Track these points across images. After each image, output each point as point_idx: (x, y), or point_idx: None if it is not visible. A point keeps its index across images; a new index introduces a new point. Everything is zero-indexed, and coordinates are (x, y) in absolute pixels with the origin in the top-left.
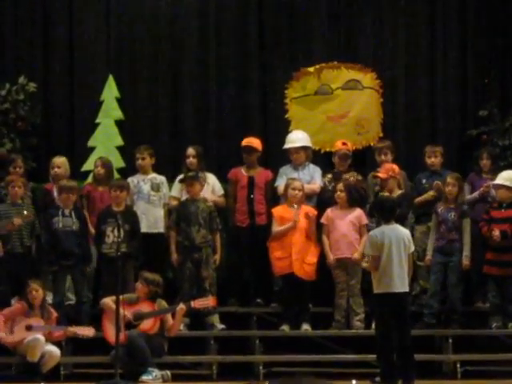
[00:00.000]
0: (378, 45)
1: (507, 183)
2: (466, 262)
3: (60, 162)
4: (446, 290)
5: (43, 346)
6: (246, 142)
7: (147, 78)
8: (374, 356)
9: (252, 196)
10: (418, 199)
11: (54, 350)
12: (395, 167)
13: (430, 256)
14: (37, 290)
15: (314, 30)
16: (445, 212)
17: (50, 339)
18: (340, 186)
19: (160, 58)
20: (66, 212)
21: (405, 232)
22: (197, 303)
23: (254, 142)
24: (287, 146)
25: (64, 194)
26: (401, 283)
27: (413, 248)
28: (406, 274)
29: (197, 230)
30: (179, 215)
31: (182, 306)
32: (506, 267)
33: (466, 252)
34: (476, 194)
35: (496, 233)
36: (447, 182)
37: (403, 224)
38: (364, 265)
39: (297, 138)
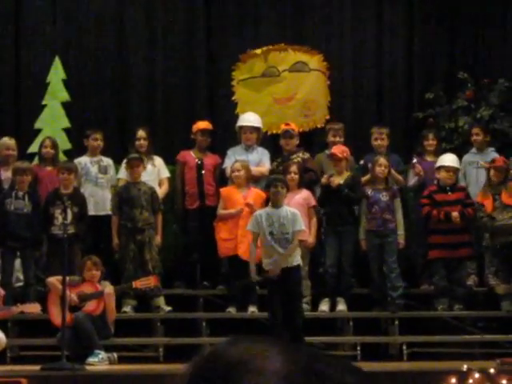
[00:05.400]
0: (325, 27)
1: (456, 165)
2: (401, 240)
3: (12, 144)
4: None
5: None
6: (206, 125)
7: (94, 59)
8: (317, 337)
9: (202, 172)
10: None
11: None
12: (347, 149)
13: (364, 239)
14: None
15: (261, 12)
16: (376, 193)
17: None
18: (293, 167)
19: (107, 40)
20: (20, 194)
21: None
22: (138, 283)
23: (211, 126)
24: (243, 123)
25: (18, 175)
26: None
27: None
28: None
29: (140, 213)
30: (121, 199)
31: (108, 290)
32: (453, 249)
33: (401, 231)
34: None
35: (455, 214)
36: (379, 162)
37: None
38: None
39: (254, 119)
